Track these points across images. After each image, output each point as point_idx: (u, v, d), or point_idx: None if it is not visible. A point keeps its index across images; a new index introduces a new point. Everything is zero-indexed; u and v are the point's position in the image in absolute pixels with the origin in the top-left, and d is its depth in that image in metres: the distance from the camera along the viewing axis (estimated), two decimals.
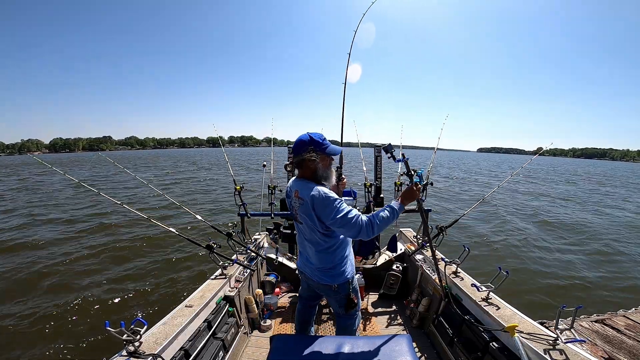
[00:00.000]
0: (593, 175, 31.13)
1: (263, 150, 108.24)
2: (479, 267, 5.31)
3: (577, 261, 5.97)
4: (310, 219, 1.49)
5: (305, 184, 1.52)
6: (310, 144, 1.49)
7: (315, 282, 1.67)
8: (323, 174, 1.54)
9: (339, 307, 1.70)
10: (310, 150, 1.48)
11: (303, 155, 1.49)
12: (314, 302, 1.94)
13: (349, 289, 1.65)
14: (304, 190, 1.49)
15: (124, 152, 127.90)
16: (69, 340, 3.41)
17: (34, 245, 6.50)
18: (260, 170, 3.70)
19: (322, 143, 1.50)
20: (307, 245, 1.62)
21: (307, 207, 1.46)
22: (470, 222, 8.29)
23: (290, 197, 1.62)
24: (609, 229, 8.56)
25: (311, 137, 1.50)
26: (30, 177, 21.48)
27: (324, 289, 1.67)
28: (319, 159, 1.51)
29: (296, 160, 1.54)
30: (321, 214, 1.44)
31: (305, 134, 1.53)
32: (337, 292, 1.64)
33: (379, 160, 3.57)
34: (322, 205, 1.41)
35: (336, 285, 1.62)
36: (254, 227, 3.79)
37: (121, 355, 1.32)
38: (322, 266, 1.60)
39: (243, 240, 2.96)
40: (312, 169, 1.52)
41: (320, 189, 1.44)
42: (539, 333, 1.52)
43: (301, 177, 1.58)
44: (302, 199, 1.48)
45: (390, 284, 2.89)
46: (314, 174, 1.53)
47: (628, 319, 3.13)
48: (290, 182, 1.66)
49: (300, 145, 1.51)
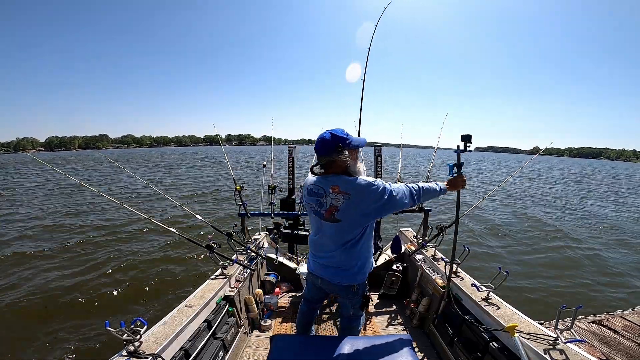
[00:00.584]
0: (592, 175, 31.13)
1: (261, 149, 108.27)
2: (479, 267, 5.31)
3: (575, 261, 5.97)
4: (357, 212, 1.43)
5: (343, 178, 1.46)
6: (337, 141, 1.43)
7: (336, 284, 1.60)
8: (353, 169, 1.49)
9: (354, 307, 1.67)
10: (339, 149, 1.42)
11: (333, 157, 1.43)
12: (319, 304, 1.92)
13: (366, 289, 1.65)
14: (346, 185, 1.43)
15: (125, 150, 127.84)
16: (69, 340, 3.41)
17: (34, 245, 6.51)
18: (261, 170, 3.70)
19: (347, 138, 1.45)
20: (335, 244, 1.53)
21: (354, 202, 1.41)
22: (470, 222, 8.29)
23: (320, 195, 1.50)
24: (606, 228, 8.57)
25: (334, 135, 1.44)
26: (22, 176, 21.47)
27: (343, 290, 1.61)
28: (350, 154, 1.46)
29: (325, 161, 1.48)
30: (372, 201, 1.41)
31: (326, 132, 1.46)
32: (355, 293, 1.60)
33: (379, 160, 3.57)
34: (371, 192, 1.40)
35: (356, 286, 1.58)
36: (254, 227, 3.79)
37: (121, 355, 1.32)
38: (348, 266, 1.54)
39: (243, 240, 2.96)
40: (343, 166, 1.47)
41: (363, 178, 1.44)
42: (539, 333, 1.52)
43: (332, 173, 1.50)
44: (347, 192, 1.41)
45: (390, 284, 2.89)
46: (345, 170, 1.48)
47: (625, 320, 3.13)
48: (314, 179, 1.56)
49: (326, 144, 1.44)
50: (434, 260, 2.61)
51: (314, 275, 1.68)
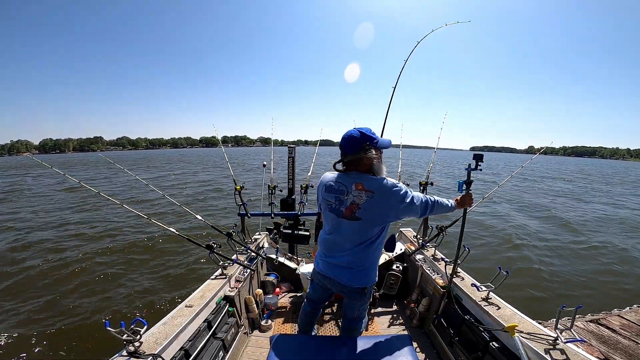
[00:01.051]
0: (589, 175, 31.12)
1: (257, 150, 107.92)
2: (479, 267, 5.31)
3: (573, 260, 5.97)
4: (379, 211, 1.43)
5: (367, 176, 1.46)
6: (365, 139, 1.43)
7: (347, 285, 1.57)
8: (378, 169, 1.49)
9: (360, 308, 1.66)
10: (367, 147, 1.43)
11: (360, 154, 1.44)
12: (321, 305, 1.90)
13: (373, 290, 1.67)
14: (370, 183, 1.43)
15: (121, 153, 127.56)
16: (69, 340, 3.42)
17: (33, 245, 6.51)
18: (260, 169, 3.70)
19: (375, 138, 1.46)
20: (351, 244, 1.51)
21: (377, 200, 1.41)
22: (470, 222, 8.29)
23: (341, 192, 1.49)
24: (603, 226, 8.57)
25: (363, 133, 1.44)
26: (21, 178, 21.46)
27: (353, 291, 1.58)
28: (376, 153, 1.47)
29: (351, 158, 1.47)
30: (394, 202, 1.43)
31: (354, 130, 1.46)
32: (364, 294, 1.59)
33: None
34: (395, 193, 1.42)
35: (368, 288, 1.57)
36: (254, 227, 3.79)
37: (121, 355, 1.32)
38: (361, 267, 1.53)
39: (243, 240, 2.96)
40: (369, 165, 1.47)
41: (389, 180, 1.45)
42: (539, 333, 1.52)
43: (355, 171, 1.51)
44: (371, 191, 1.42)
45: (390, 284, 2.89)
46: (369, 169, 1.48)
47: (623, 319, 3.12)
48: (333, 176, 1.55)
49: (354, 142, 1.44)
50: (434, 260, 2.61)
51: (322, 275, 1.64)
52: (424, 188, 3.03)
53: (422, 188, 3.03)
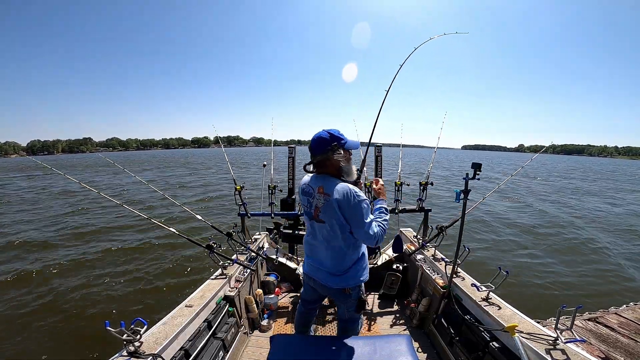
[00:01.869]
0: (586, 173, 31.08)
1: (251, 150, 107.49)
2: (479, 267, 5.31)
3: (573, 260, 5.97)
4: (334, 216, 1.43)
5: (330, 180, 1.47)
6: (333, 140, 1.45)
7: (327, 287, 1.59)
8: (346, 170, 1.52)
9: (348, 310, 1.65)
10: (335, 147, 1.45)
11: (327, 154, 1.46)
12: (316, 305, 1.91)
13: (361, 292, 1.62)
14: (330, 187, 1.44)
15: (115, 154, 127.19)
16: (69, 340, 3.42)
17: (33, 245, 6.51)
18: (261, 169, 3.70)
19: (342, 138, 1.48)
20: (324, 246, 1.54)
21: (332, 205, 1.41)
22: (471, 222, 8.29)
23: (310, 194, 1.53)
24: (601, 225, 8.56)
25: (331, 134, 1.46)
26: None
27: (336, 293, 1.60)
28: (344, 154, 1.48)
29: (320, 159, 1.49)
30: (348, 213, 1.40)
31: (323, 132, 1.48)
32: (349, 296, 1.58)
33: (379, 160, 3.57)
34: (351, 205, 1.39)
35: (349, 289, 1.56)
36: (254, 227, 3.79)
37: (121, 355, 1.32)
38: (338, 269, 1.53)
39: (243, 240, 2.96)
40: (337, 165, 1.49)
41: (351, 187, 1.42)
42: (539, 333, 1.52)
43: (323, 173, 1.53)
44: (329, 194, 1.43)
45: (390, 284, 2.89)
46: (338, 170, 1.50)
47: (620, 317, 3.12)
48: (308, 179, 1.59)
49: (322, 143, 1.46)
50: (434, 260, 2.61)
51: (307, 276, 1.69)
52: (424, 188, 3.03)
53: (423, 188, 3.03)
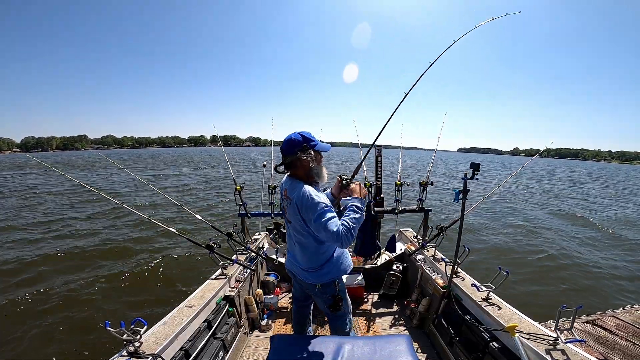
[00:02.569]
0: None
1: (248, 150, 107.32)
2: (479, 267, 5.31)
3: (572, 259, 5.97)
4: (296, 219, 1.49)
5: (294, 183, 1.51)
6: (304, 141, 1.48)
7: (302, 281, 1.67)
8: (317, 172, 1.53)
9: (325, 306, 1.69)
10: (305, 148, 1.47)
11: (297, 155, 1.48)
12: (307, 302, 1.92)
13: (336, 290, 1.63)
14: (292, 190, 1.49)
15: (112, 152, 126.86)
16: (69, 340, 3.41)
17: (33, 245, 6.51)
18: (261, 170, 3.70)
19: (313, 140, 1.51)
20: (295, 244, 1.61)
21: (294, 207, 1.46)
22: (471, 222, 8.29)
23: (282, 195, 1.62)
24: (599, 225, 8.56)
25: (303, 136, 1.50)
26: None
27: (310, 288, 1.67)
28: (314, 156, 1.51)
29: (289, 160, 1.51)
30: (305, 216, 1.43)
31: (294, 133, 1.52)
32: (322, 292, 1.63)
33: (379, 160, 3.57)
34: (305, 207, 1.41)
35: (320, 285, 1.61)
36: (254, 227, 3.79)
37: (121, 356, 1.32)
38: (308, 266, 1.59)
39: (243, 240, 2.96)
40: (306, 167, 1.51)
41: (307, 190, 1.43)
42: (539, 333, 1.52)
43: (293, 175, 1.56)
44: (290, 198, 1.49)
45: (390, 284, 2.89)
46: (307, 172, 1.52)
47: (618, 319, 3.14)
48: (282, 180, 1.66)
49: (293, 144, 1.49)
50: (434, 260, 2.61)
51: (289, 270, 1.77)
52: (424, 188, 3.03)
53: (423, 188, 3.03)
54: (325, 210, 1.39)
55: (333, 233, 1.35)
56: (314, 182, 1.54)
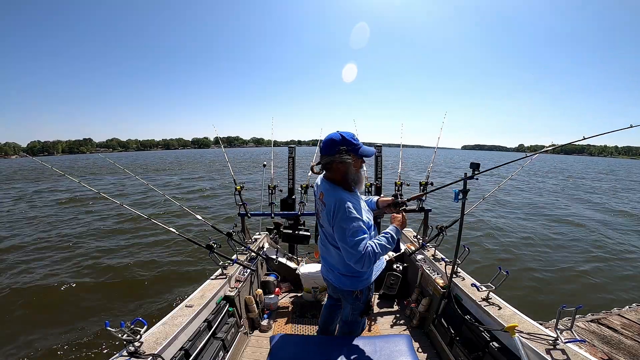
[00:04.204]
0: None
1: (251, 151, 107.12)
2: (479, 267, 5.31)
3: (572, 260, 5.96)
4: (328, 224, 1.41)
5: (333, 188, 1.42)
6: (343, 143, 1.36)
7: (338, 288, 1.58)
8: (355, 178, 1.44)
9: (353, 312, 1.63)
10: (343, 151, 1.35)
11: (334, 157, 1.37)
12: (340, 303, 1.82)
13: (369, 294, 1.60)
14: (329, 196, 1.40)
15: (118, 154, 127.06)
16: (69, 340, 3.41)
17: (33, 245, 6.51)
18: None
19: (355, 143, 1.39)
20: (332, 249, 1.52)
21: (329, 214, 1.37)
22: (470, 222, 8.28)
23: (316, 197, 1.54)
24: (601, 226, 8.56)
25: (343, 136, 1.38)
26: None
27: (346, 294, 1.59)
28: (353, 161, 1.39)
29: (325, 161, 1.41)
30: (335, 226, 1.35)
31: (335, 133, 1.41)
32: (357, 298, 1.56)
33: (379, 160, 3.57)
34: (340, 219, 1.32)
35: (359, 291, 1.55)
36: (254, 227, 3.79)
37: (121, 356, 1.32)
38: (347, 270, 1.50)
39: (243, 240, 2.96)
40: (343, 171, 1.40)
41: (346, 202, 1.33)
42: (539, 333, 1.51)
43: (329, 179, 1.46)
44: (325, 204, 1.41)
45: (390, 284, 2.89)
46: (344, 177, 1.42)
47: (623, 318, 3.11)
48: (318, 181, 1.55)
49: (331, 144, 1.38)
50: (434, 260, 2.61)
51: (324, 278, 1.69)
52: (424, 188, 3.03)
53: (422, 188, 3.03)
54: (358, 229, 1.31)
55: (357, 254, 1.28)
56: (351, 190, 1.45)
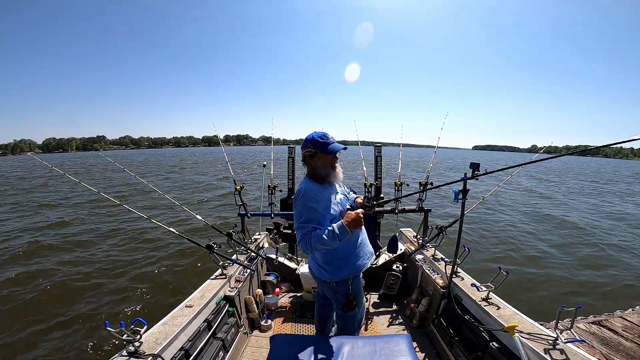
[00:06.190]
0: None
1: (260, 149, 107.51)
2: (479, 267, 5.31)
3: (573, 260, 5.97)
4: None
5: (304, 179, 1.61)
6: (311, 142, 1.54)
7: (318, 278, 1.70)
8: (323, 172, 1.56)
9: (337, 307, 1.71)
10: (310, 148, 1.53)
11: (304, 153, 1.57)
12: (328, 301, 1.89)
13: (348, 289, 1.63)
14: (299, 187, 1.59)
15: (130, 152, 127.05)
16: (69, 340, 3.41)
17: (33, 245, 6.51)
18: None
19: (322, 141, 1.52)
20: None
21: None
22: (471, 222, 8.29)
23: None
24: (605, 227, 8.56)
25: (313, 137, 1.56)
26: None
27: (325, 287, 1.69)
28: (318, 157, 1.54)
29: (301, 157, 1.61)
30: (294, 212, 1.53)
31: (310, 133, 1.59)
32: (335, 291, 1.65)
33: (379, 159, 3.57)
34: (297, 205, 1.51)
35: (334, 283, 1.62)
36: (254, 227, 3.79)
37: (121, 355, 1.32)
38: (322, 262, 1.63)
39: (243, 240, 2.96)
40: (312, 165, 1.58)
41: (303, 187, 1.53)
42: (539, 333, 1.52)
43: (306, 173, 1.65)
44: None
45: (390, 284, 2.89)
46: (313, 170, 1.58)
47: (625, 320, 3.10)
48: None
49: (304, 143, 1.58)
50: (434, 260, 2.61)
51: (310, 270, 1.80)
52: (424, 188, 3.03)
53: (422, 188, 3.03)
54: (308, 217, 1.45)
55: (299, 237, 1.46)
56: (321, 181, 1.58)
